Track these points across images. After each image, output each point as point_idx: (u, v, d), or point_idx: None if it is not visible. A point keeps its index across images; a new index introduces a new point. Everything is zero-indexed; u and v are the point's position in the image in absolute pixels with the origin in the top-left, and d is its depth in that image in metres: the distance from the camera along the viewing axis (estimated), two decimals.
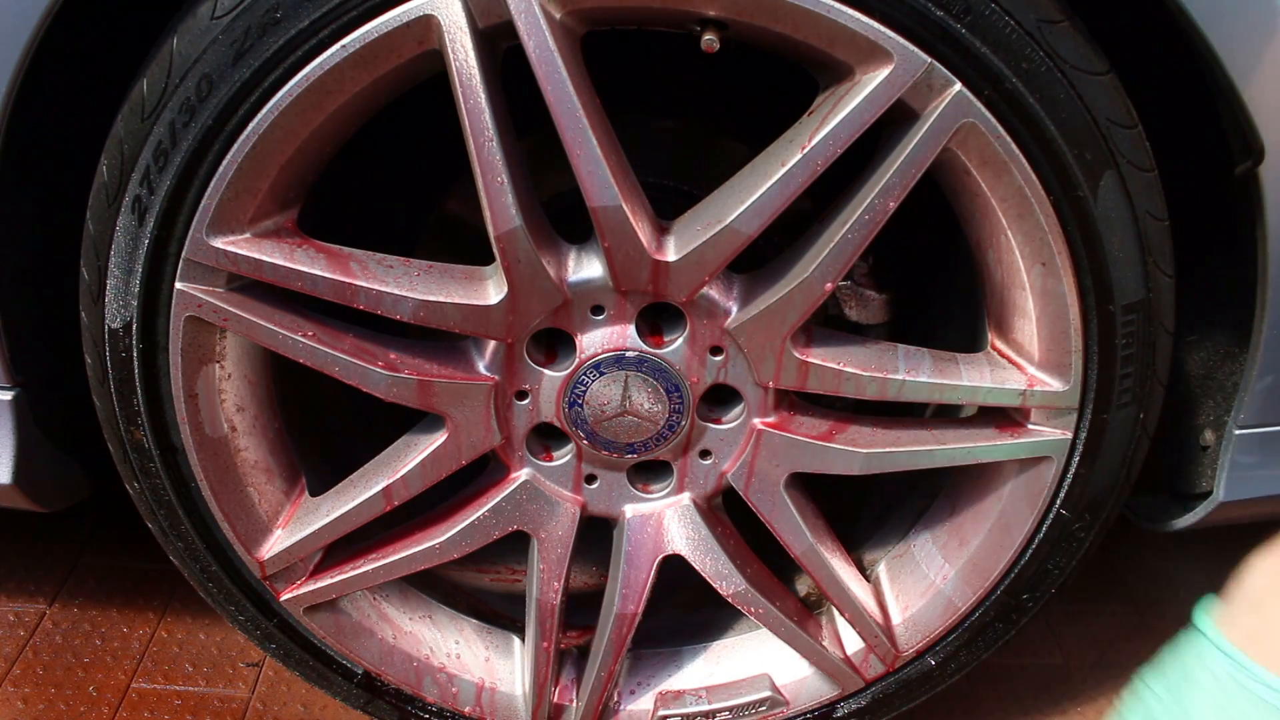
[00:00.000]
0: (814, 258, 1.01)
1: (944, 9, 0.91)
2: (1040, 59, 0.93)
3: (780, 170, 0.96)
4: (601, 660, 1.22)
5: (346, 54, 0.92)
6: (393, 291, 1.01)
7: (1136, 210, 0.99)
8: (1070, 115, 0.95)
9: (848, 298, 1.21)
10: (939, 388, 1.08)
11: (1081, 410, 1.09)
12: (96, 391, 1.08)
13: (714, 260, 1.00)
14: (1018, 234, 1.02)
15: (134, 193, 0.98)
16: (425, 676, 1.27)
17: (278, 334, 1.04)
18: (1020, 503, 1.16)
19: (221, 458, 1.12)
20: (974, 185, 1.01)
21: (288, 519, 1.17)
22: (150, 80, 0.95)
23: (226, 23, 0.92)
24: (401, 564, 1.17)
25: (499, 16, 0.91)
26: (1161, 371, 1.08)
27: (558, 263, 1.03)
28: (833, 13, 0.90)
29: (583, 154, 0.94)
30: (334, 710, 1.40)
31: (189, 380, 1.06)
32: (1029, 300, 1.05)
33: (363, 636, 1.25)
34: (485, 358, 1.09)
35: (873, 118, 0.94)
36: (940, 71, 0.93)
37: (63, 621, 1.52)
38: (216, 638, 1.50)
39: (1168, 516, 1.24)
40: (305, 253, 1.01)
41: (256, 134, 0.95)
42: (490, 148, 0.94)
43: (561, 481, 1.17)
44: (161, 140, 0.95)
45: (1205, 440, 1.18)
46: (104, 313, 1.03)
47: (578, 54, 0.95)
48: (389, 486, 1.12)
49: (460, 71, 0.92)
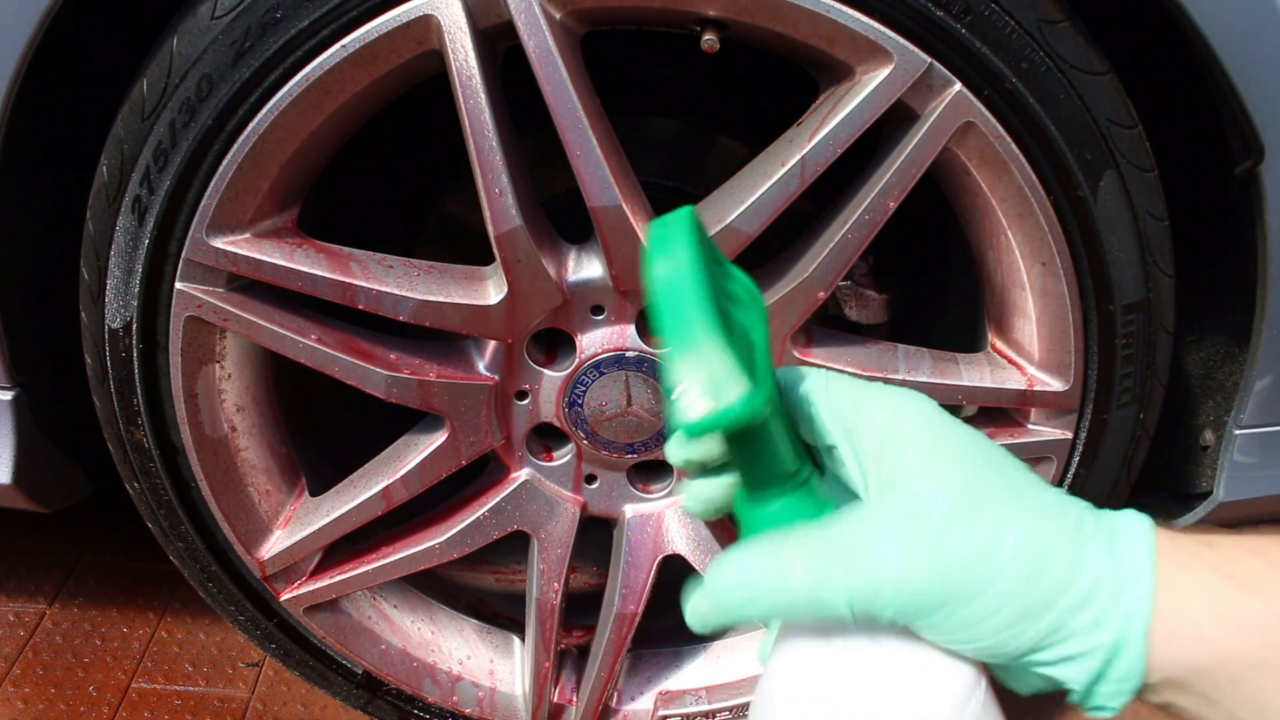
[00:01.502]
0: (814, 258, 1.01)
1: (944, 9, 0.91)
2: (1040, 59, 0.93)
3: (780, 170, 0.96)
4: (601, 660, 1.22)
5: (346, 54, 0.92)
6: (393, 291, 1.01)
7: (1136, 210, 0.99)
8: (1070, 115, 0.95)
9: (848, 298, 1.21)
10: (939, 388, 1.08)
11: (1081, 410, 1.08)
12: (96, 391, 1.08)
13: None
14: (1018, 234, 1.02)
15: (134, 193, 0.98)
16: (425, 677, 1.27)
17: (278, 334, 1.03)
18: None
19: (221, 458, 1.12)
20: (974, 185, 1.01)
21: (288, 519, 1.17)
22: (150, 80, 0.95)
23: (226, 23, 0.92)
24: (401, 564, 1.17)
25: (499, 16, 0.91)
26: (1161, 371, 1.08)
27: (558, 263, 1.03)
28: (833, 13, 0.90)
29: (583, 154, 0.94)
30: (334, 710, 1.40)
31: (189, 380, 1.06)
32: (1029, 300, 1.05)
33: (363, 636, 1.25)
34: (485, 358, 1.09)
35: (873, 118, 0.94)
36: (940, 71, 0.93)
37: (63, 621, 1.51)
38: (216, 638, 1.50)
39: (1168, 516, 1.23)
40: (305, 253, 1.01)
41: (256, 134, 0.95)
42: (490, 148, 0.94)
43: (561, 481, 1.17)
44: (161, 140, 0.95)
45: (1205, 440, 1.18)
46: (104, 313, 1.03)
47: (578, 54, 0.95)
48: (389, 486, 1.12)
49: (460, 71, 0.92)
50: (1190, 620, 0.45)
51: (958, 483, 0.47)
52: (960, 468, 0.48)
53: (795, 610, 0.48)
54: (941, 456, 0.48)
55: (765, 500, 0.49)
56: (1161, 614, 0.45)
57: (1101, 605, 0.46)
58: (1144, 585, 0.45)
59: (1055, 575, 0.46)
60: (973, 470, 0.48)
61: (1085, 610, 0.46)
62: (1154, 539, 0.47)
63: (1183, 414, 1.20)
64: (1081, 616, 0.46)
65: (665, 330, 0.41)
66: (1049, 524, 0.47)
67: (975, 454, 0.49)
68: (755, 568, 0.48)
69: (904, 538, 0.46)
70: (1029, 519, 0.47)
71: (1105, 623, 0.46)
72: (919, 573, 0.46)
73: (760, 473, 0.48)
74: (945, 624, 0.47)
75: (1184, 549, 0.47)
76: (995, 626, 0.46)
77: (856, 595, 0.46)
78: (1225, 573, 0.46)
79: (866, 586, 0.46)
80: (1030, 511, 0.47)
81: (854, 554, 0.47)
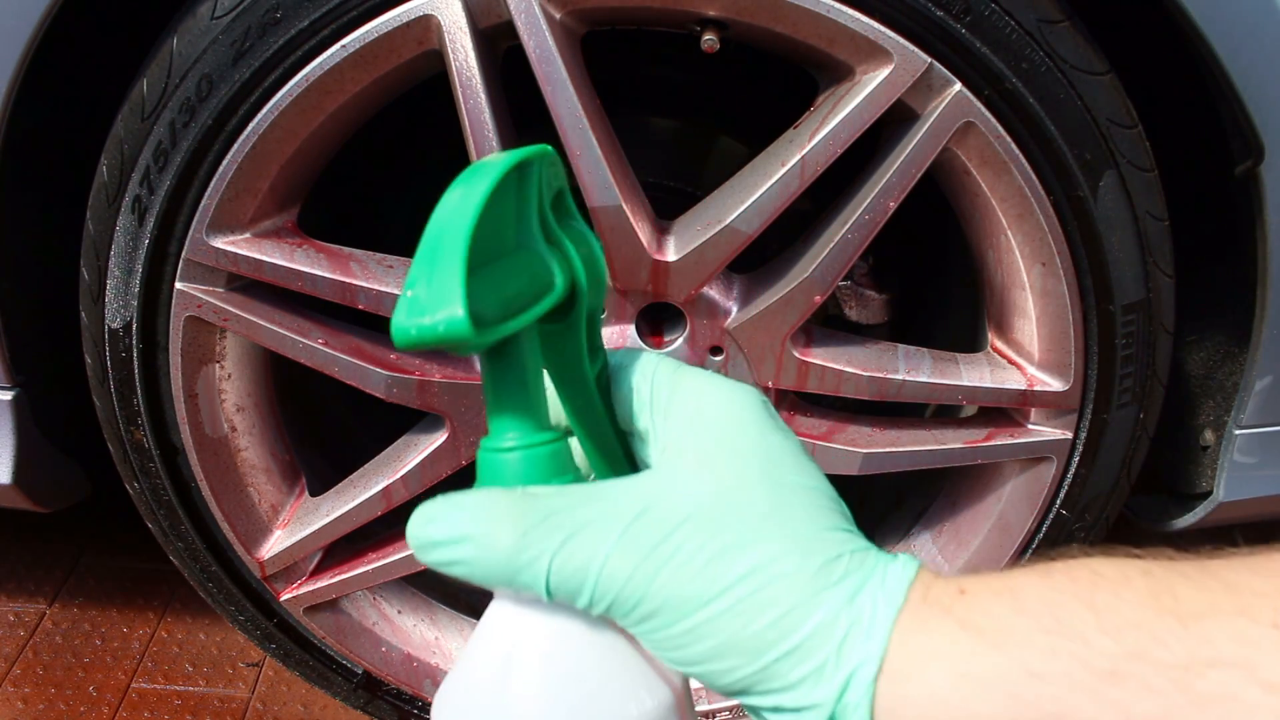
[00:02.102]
0: (814, 258, 1.01)
1: (944, 9, 0.91)
2: (1040, 59, 0.93)
3: (780, 170, 0.96)
4: None
5: (346, 54, 0.92)
6: (393, 291, 1.01)
7: (1136, 210, 0.99)
8: (1070, 115, 0.95)
9: (848, 298, 1.21)
10: (939, 388, 1.08)
11: (1081, 410, 1.08)
12: (96, 391, 1.08)
13: (714, 260, 1.00)
14: (1018, 234, 1.02)
15: (134, 193, 0.98)
16: (425, 677, 1.27)
17: (278, 334, 1.03)
18: (1020, 503, 1.16)
19: (221, 458, 1.12)
20: (974, 185, 1.01)
21: (288, 519, 1.17)
22: (150, 80, 0.95)
23: (226, 23, 0.92)
24: (402, 564, 1.17)
25: (499, 16, 0.91)
26: (1161, 371, 1.08)
27: None
28: (833, 13, 0.90)
29: (583, 154, 0.94)
30: (334, 710, 1.40)
31: (189, 380, 1.06)
32: (1029, 300, 1.05)
33: (363, 636, 1.25)
34: None
35: (873, 117, 0.94)
36: (940, 71, 0.93)
37: (63, 621, 1.51)
38: (216, 638, 1.50)
39: (1168, 516, 1.23)
40: (305, 253, 1.01)
41: (256, 134, 0.95)
42: (490, 148, 0.94)
43: None
44: (161, 140, 0.95)
45: (1205, 440, 1.18)
46: (104, 313, 1.03)
47: (578, 54, 0.95)
48: (389, 486, 1.12)
49: (460, 72, 0.92)
50: (925, 682, 0.40)
51: (714, 487, 0.42)
52: (732, 472, 0.42)
53: (496, 578, 0.42)
54: (715, 456, 0.43)
55: (501, 430, 0.44)
56: (892, 674, 0.40)
57: (822, 659, 0.40)
58: (873, 642, 0.40)
59: (775, 614, 0.40)
60: (744, 478, 0.42)
61: (803, 662, 0.40)
62: (904, 590, 0.41)
63: (1183, 414, 1.20)
64: (798, 668, 0.40)
65: (422, 243, 0.40)
66: (791, 556, 0.41)
67: (761, 463, 0.43)
68: (464, 519, 0.41)
69: (625, 531, 0.41)
70: (771, 546, 0.41)
71: (824, 680, 0.40)
72: (623, 573, 0.40)
73: (500, 403, 0.44)
74: (651, 636, 0.42)
75: (932, 601, 0.41)
76: (702, 654, 0.41)
77: (560, 577, 0.41)
78: (970, 626, 0.40)
79: (573, 570, 0.41)
80: (778, 539, 0.41)
81: (567, 532, 0.41)
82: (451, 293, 0.37)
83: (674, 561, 0.41)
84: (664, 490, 0.42)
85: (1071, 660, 0.39)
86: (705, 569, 0.40)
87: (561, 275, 0.44)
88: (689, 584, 0.40)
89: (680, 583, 0.41)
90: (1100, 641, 0.39)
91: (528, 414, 0.44)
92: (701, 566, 0.40)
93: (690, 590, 0.40)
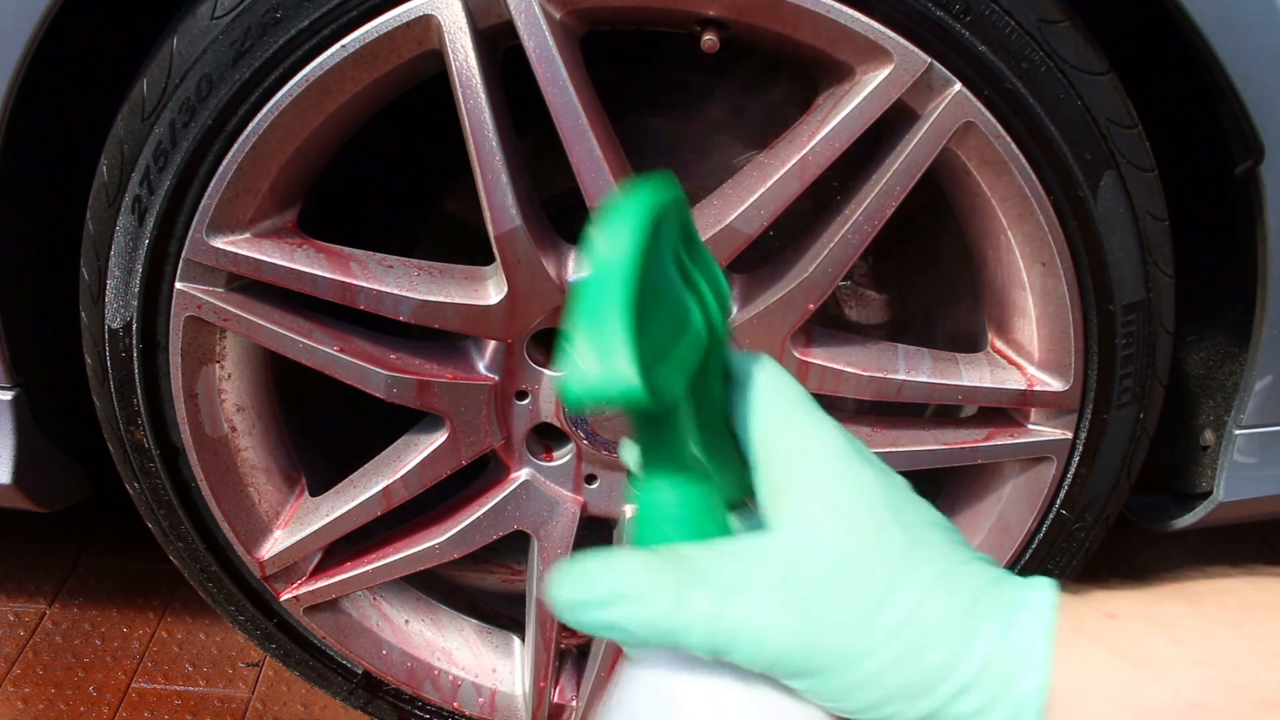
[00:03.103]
0: (814, 258, 1.01)
1: (944, 9, 0.91)
2: (1040, 59, 0.93)
3: (780, 170, 0.96)
4: (601, 660, 1.22)
5: (346, 54, 0.92)
6: (393, 291, 1.01)
7: (1136, 210, 0.99)
8: (1070, 115, 0.95)
9: (848, 298, 1.21)
10: (939, 388, 1.08)
11: (1081, 410, 1.08)
12: (96, 391, 1.08)
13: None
14: (1018, 234, 1.02)
15: (134, 193, 0.98)
16: (425, 677, 1.27)
17: (278, 334, 1.03)
18: (1020, 503, 1.16)
19: (221, 458, 1.12)
20: (974, 185, 1.01)
21: (288, 519, 1.17)
22: (150, 80, 0.95)
23: (226, 23, 0.92)
24: (402, 564, 1.17)
25: (499, 16, 0.91)
26: (1161, 371, 1.08)
27: (558, 263, 1.03)
28: (833, 13, 0.90)
29: (582, 154, 0.94)
30: (334, 710, 1.40)
31: (189, 380, 1.06)
32: (1029, 300, 1.05)
33: (363, 636, 1.25)
34: (485, 358, 1.09)
35: (873, 118, 0.94)
36: (940, 71, 0.93)
37: (63, 621, 1.51)
38: (216, 638, 1.50)
39: (1168, 516, 1.23)
40: (305, 253, 1.01)
41: (256, 134, 0.95)
42: (490, 148, 0.94)
43: (562, 481, 1.17)
44: (161, 140, 0.95)
45: (1205, 440, 1.18)
46: (104, 313, 1.03)
47: (577, 54, 0.95)
48: (389, 486, 1.12)
49: (460, 72, 0.92)
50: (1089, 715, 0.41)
51: (852, 534, 0.42)
52: (865, 517, 0.43)
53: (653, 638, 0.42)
54: (844, 502, 0.43)
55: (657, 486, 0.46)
56: (1057, 706, 0.41)
57: (988, 694, 0.41)
58: (1037, 676, 0.41)
59: (940, 655, 0.41)
60: (875, 522, 0.43)
61: (968, 698, 0.41)
62: (1054, 619, 0.42)
63: (1183, 414, 1.20)
64: (964, 704, 0.41)
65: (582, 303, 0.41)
66: (939, 595, 0.42)
67: (884, 505, 0.44)
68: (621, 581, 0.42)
69: (778, 588, 0.41)
70: (921, 586, 0.42)
71: (991, 713, 0.41)
72: (785, 633, 0.41)
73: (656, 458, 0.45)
74: (814, 689, 0.42)
75: (1085, 629, 0.42)
76: (869, 702, 0.42)
77: (716, 639, 0.42)
78: (1129, 656, 0.41)
79: (726, 633, 0.41)
80: (923, 579, 0.42)
81: (722, 592, 0.42)
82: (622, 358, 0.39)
83: (829, 619, 0.41)
84: (805, 543, 0.43)
85: (1230, 692, 0.40)
86: (866, 622, 0.41)
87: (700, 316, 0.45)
88: (852, 639, 0.41)
89: (844, 639, 0.41)
90: (1257, 672, 0.40)
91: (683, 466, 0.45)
92: (862, 620, 0.41)
93: (855, 645, 0.41)
